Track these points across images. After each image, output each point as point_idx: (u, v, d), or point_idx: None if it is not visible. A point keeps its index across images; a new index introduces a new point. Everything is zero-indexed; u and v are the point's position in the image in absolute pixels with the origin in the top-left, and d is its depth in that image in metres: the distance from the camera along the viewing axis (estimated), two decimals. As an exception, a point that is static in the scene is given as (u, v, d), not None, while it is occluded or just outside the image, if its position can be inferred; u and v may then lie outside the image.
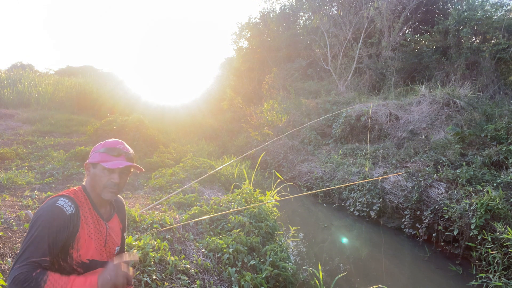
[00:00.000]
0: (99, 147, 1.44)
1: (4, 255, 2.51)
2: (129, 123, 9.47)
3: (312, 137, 10.22)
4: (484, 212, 4.20)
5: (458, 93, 8.95)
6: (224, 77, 19.57)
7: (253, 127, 12.76)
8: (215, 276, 2.89)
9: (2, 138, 8.20)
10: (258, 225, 4.00)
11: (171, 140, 10.88)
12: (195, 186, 5.50)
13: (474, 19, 10.36)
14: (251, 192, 4.94)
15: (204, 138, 12.83)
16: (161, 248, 2.84)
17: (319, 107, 11.59)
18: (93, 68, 28.23)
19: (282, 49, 16.92)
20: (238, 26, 18.85)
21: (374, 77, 13.11)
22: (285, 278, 3.28)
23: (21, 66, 25.52)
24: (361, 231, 5.84)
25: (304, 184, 8.02)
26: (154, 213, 3.77)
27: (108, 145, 1.43)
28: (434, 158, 6.43)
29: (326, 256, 4.92)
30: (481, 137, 6.79)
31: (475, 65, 10.63)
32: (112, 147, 1.43)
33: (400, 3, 13.42)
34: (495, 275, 3.71)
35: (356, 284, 4.10)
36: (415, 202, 5.34)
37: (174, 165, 7.32)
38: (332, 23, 14.32)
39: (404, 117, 8.87)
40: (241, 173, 7.55)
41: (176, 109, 15.64)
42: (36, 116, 11.45)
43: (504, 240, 3.79)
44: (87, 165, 1.42)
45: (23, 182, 4.82)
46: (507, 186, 4.85)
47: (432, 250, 4.86)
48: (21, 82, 15.41)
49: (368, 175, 6.58)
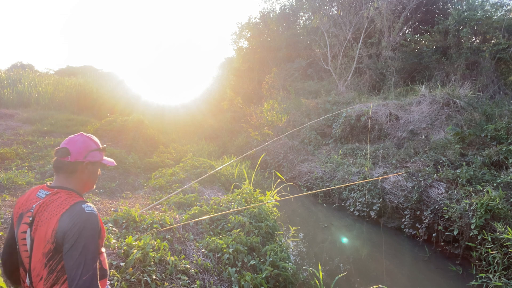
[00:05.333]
0: (92, 145, 1.42)
1: (4, 255, 2.51)
2: (129, 123, 9.47)
3: (312, 137, 10.22)
4: (484, 212, 4.20)
5: (458, 93, 8.95)
6: (224, 77, 19.56)
7: (253, 127, 12.77)
8: (215, 276, 2.89)
9: (2, 138, 8.19)
10: (258, 225, 4.00)
11: (171, 140, 10.88)
12: (195, 186, 5.50)
13: (474, 19, 10.36)
14: (251, 192, 4.94)
15: (204, 138, 12.83)
16: (161, 248, 2.84)
17: (319, 107, 11.59)
18: (93, 68, 28.23)
19: (282, 49, 16.93)
20: (238, 26, 18.88)
21: (374, 77, 13.10)
22: (285, 278, 3.28)
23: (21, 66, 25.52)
24: (361, 231, 5.84)
25: (304, 184, 8.02)
26: (154, 213, 3.77)
27: (97, 143, 1.45)
28: (434, 158, 6.43)
29: (326, 256, 4.92)
30: (481, 137, 6.79)
31: (475, 65, 10.63)
32: (100, 144, 1.46)
33: (400, 3, 13.42)
34: (495, 275, 3.71)
35: (356, 284, 4.10)
36: (415, 202, 5.34)
37: (174, 165, 7.33)
38: (332, 23, 14.31)
39: (404, 117, 8.86)
40: (241, 173, 7.56)
41: (176, 109, 15.65)
42: (36, 116, 11.43)
43: (504, 240, 3.79)
44: (86, 164, 1.39)
45: (23, 182, 4.82)
46: (507, 186, 4.85)
47: (432, 250, 4.85)
48: (21, 82, 15.39)
49: (368, 175, 6.58)
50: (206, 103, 17.22)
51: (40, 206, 1.28)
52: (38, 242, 1.23)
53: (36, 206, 1.29)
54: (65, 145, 1.37)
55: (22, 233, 1.28)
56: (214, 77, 20.92)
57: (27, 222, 1.28)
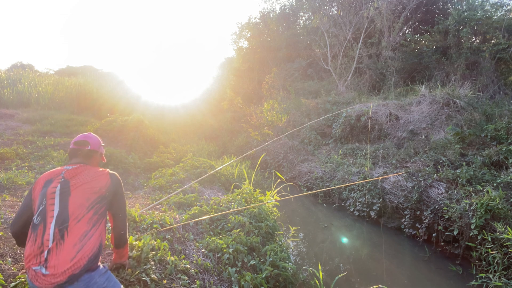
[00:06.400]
0: (101, 141, 2.06)
1: (4, 255, 2.51)
2: (129, 123, 9.47)
3: (312, 137, 10.22)
4: (484, 212, 4.20)
5: (458, 93, 8.94)
6: (224, 77, 19.57)
7: (253, 127, 12.77)
8: (215, 276, 2.89)
9: (2, 138, 8.20)
10: (258, 225, 4.00)
11: (171, 140, 10.88)
12: (195, 186, 5.50)
13: (474, 19, 10.36)
14: (251, 192, 4.93)
15: (204, 138, 12.84)
16: (161, 248, 2.83)
17: (319, 107, 11.59)
18: (93, 68, 28.27)
19: (282, 49, 16.93)
20: (238, 26, 18.89)
21: (374, 77, 13.10)
22: (285, 278, 3.28)
23: (21, 66, 25.54)
24: (361, 231, 5.84)
25: (304, 184, 8.02)
26: (154, 213, 3.77)
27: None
28: (434, 158, 6.42)
29: (326, 256, 4.92)
30: (481, 137, 6.79)
31: (475, 65, 10.63)
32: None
33: (400, 3, 13.42)
34: (495, 275, 3.71)
35: (356, 284, 4.10)
36: (415, 202, 5.34)
37: (174, 165, 7.32)
38: (332, 23, 14.32)
39: (404, 117, 8.86)
40: (241, 173, 7.55)
41: (176, 109, 15.66)
42: (36, 116, 11.43)
43: (504, 240, 3.79)
44: (100, 153, 2.03)
45: (23, 182, 4.81)
46: (507, 186, 4.85)
47: (432, 250, 4.85)
48: (21, 82, 15.39)
49: (368, 175, 6.58)
50: (206, 103, 17.23)
51: (71, 173, 1.77)
52: (81, 193, 1.69)
53: (65, 173, 1.76)
54: (82, 138, 1.94)
55: (52, 188, 1.69)
56: (214, 77, 20.94)
57: (59, 181, 1.72)
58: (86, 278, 1.57)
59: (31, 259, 1.56)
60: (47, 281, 1.50)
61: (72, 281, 1.52)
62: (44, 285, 1.51)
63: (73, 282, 1.53)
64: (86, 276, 1.58)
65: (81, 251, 1.57)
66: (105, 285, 1.64)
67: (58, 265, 1.52)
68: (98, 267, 1.66)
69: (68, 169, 1.79)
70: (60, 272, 1.51)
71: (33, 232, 1.62)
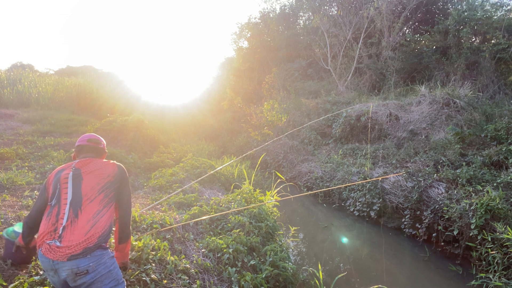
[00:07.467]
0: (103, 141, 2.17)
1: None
2: (129, 123, 9.47)
3: (312, 137, 10.22)
4: (484, 212, 4.20)
5: (458, 93, 8.94)
6: (224, 77, 19.56)
7: (253, 127, 12.77)
8: (215, 276, 2.89)
9: (2, 138, 8.19)
10: (258, 225, 4.00)
11: (171, 140, 10.88)
12: (195, 186, 5.50)
13: (474, 19, 10.36)
14: (251, 192, 4.93)
15: (204, 138, 12.83)
16: (161, 248, 2.84)
17: (319, 107, 11.59)
18: (93, 68, 28.25)
19: (282, 49, 16.92)
20: (238, 26, 18.88)
21: (374, 77, 13.10)
22: (285, 278, 3.28)
23: (21, 66, 25.53)
24: (361, 231, 5.84)
25: (304, 184, 8.02)
26: (154, 213, 3.77)
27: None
28: (434, 158, 6.42)
29: (326, 256, 4.92)
30: (481, 137, 6.79)
31: (475, 65, 10.63)
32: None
33: (400, 3, 13.42)
34: (495, 275, 3.71)
35: (356, 284, 4.10)
36: (415, 202, 5.34)
37: (174, 165, 7.32)
38: (332, 23, 14.31)
39: (404, 117, 8.86)
40: (241, 173, 7.55)
41: (176, 109, 15.65)
42: (36, 116, 11.43)
43: (504, 240, 3.79)
44: (106, 152, 2.17)
45: (23, 182, 4.81)
46: (507, 186, 4.85)
47: (432, 250, 4.85)
48: (21, 82, 15.38)
49: (368, 175, 6.58)
50: (206, 103, 17.22)
51: (81, 163, 1.91)
52: (92, 178, 1.85)
53: (76, 164, 1.90)
54: (95, 137, 2.10)
55: (65, 174, 1.85)
56: (214, 77, 20.94)
57: (71, 169, 1.87)
58: (98, 254, 1.69)
59: (45, 235, 1.67)
60: (62, 251, 1.60)
61: (85, 253, 1.64)
62: (58, 256, 1.60)
63: (86, 255, 1.64)
64: (98, 252, 1.69)
65: (94, 227, 1.70)
66: (111, 268, 1.75)
67: (73, 239, 1.64)
68: (108, 248, 1.79)
69: (77, 161, 1.95)
70: (75, 244, 1.63)
71: (48, 213, 1.75)
